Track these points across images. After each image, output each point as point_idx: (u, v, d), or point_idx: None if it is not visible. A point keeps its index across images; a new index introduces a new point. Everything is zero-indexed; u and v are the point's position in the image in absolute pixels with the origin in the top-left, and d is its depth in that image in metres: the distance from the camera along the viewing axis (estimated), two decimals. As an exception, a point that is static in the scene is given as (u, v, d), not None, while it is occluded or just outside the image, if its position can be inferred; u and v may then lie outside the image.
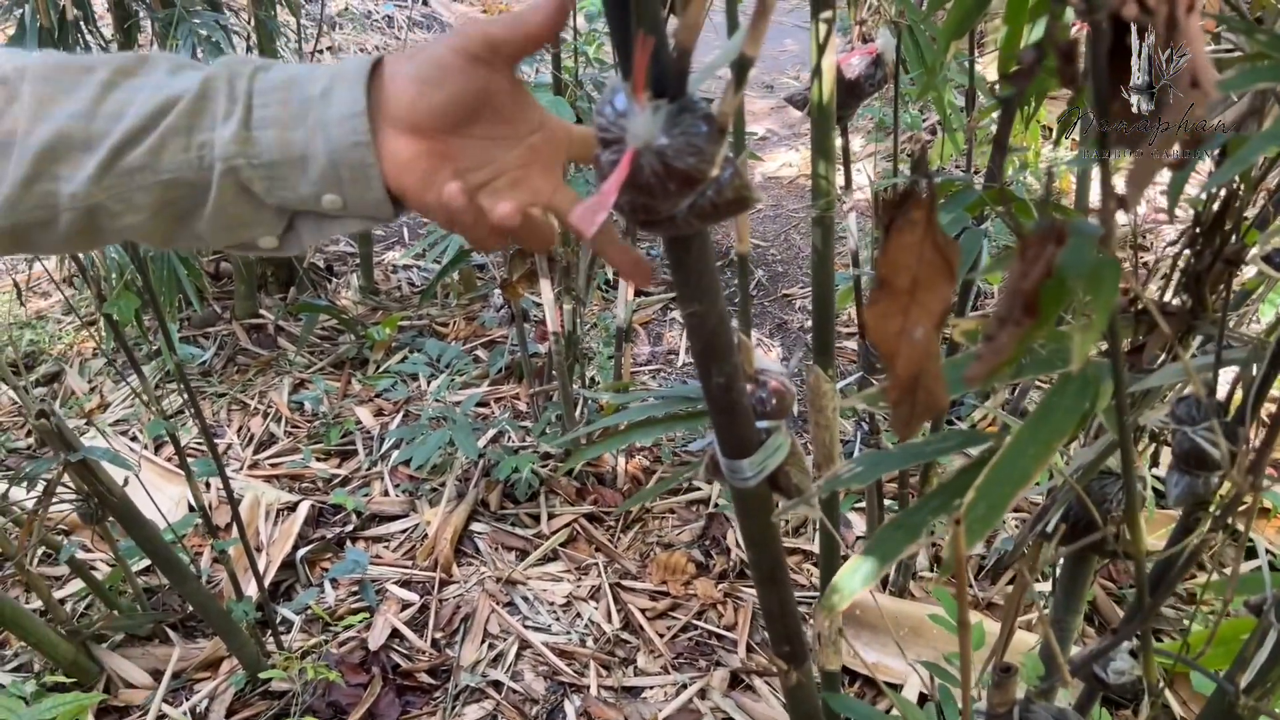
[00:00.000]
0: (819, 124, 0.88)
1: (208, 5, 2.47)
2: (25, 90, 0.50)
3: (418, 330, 2.82)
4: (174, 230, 0.54)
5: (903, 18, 1.00)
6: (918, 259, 0.37)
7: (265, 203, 0.53)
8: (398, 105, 0.51)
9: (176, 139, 0.50)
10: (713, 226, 0.46)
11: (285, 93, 0.52)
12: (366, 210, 0.54)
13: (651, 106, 0.40)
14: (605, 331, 2.60)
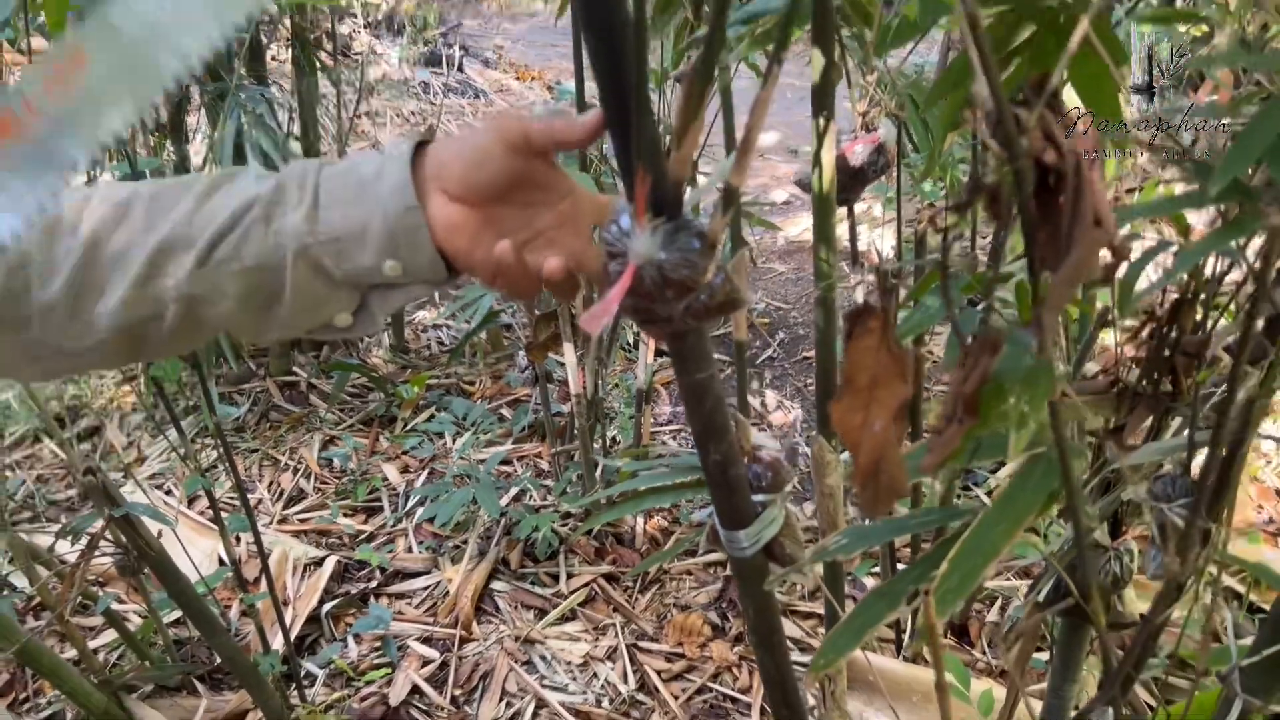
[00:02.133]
0: (819, 211, 0.94)
1: (254, 78, 2.60)
2: (137, 210, 0.60)
3: (445, 389, 2.89)
4: (262, 318, 0.61)
5: (902, 110, 1.07)
6: (876, 362, 0.43)
7: (336, 278, 0.60)
8: (445, 178, 0.59)
9: (257, 229, 0.59)
10: (710, 323, 0.52)
11: (345, 178, 0.60)
12: (423, 273, 0.61)
13: (650, 227, 0.47)
14: (627, 392, 2.66)
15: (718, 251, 0.48)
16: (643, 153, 0.46)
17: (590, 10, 0.46)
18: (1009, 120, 0.37)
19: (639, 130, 0.46)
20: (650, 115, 0.46)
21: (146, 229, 0.59)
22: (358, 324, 0.63)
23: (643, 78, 0.45)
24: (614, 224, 0.49)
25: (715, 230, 0.47)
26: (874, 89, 1.13)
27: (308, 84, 2.78)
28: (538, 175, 0.60)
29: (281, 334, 0.63)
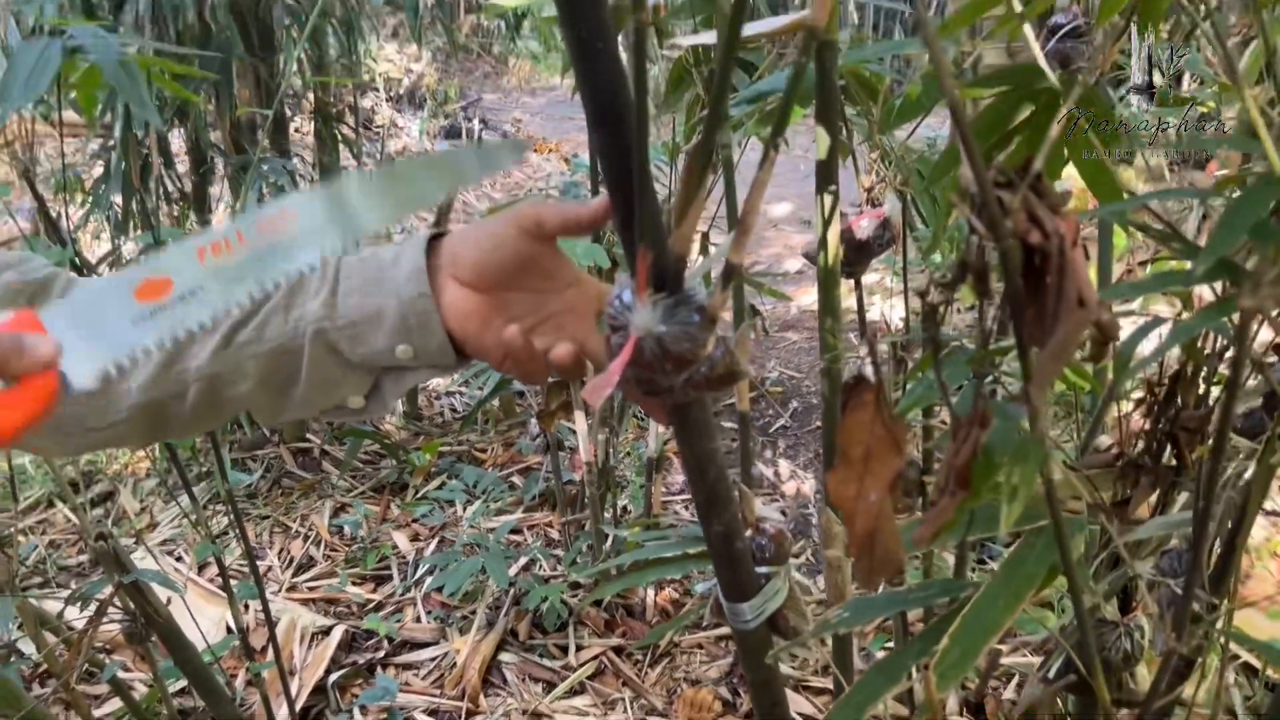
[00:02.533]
0: (824, 284, 0.95)
1: (276, 151, 2.67)
2: None
3: (457, 456, 2.89)
4: (279, 399, 0.63)
5: (907, 186, 1.09)
6: (870, 434, 0.44)
7: (350, 361, 0.62)
8: (459, 265, 0.62)
9: (277, 315, 0.61)
10: (714, 395, 0.53)
11: (364, 265, 0.63)
12: (433, 358, 0.63)
13: (651, 300, 0.48)
14: (638, 461, 2.66)
15: (717, 325, 0.49)
16: (644, 229, 0.47)
17: (593, 95, 0.48)
18: (992, 202, 0.38)
19: (640, 207, 0.47)
20: (652, 193, 0.48)
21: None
22: (370, 406, 0.65)
23: (644, 158, 0.47)
24: (617, 298, 0.50)
25: (715, 305, 0.48)
26: (879, 164, 1.15)
27: (330, 156, 2.85)
28: (546, 262, 0.62)
29: (297, 415, 0.65)
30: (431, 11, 6.16)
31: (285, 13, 2.39)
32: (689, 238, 0.48)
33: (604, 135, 0.48)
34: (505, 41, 9.18)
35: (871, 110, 1.14)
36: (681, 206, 0.47)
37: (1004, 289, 0.41)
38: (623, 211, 0.50)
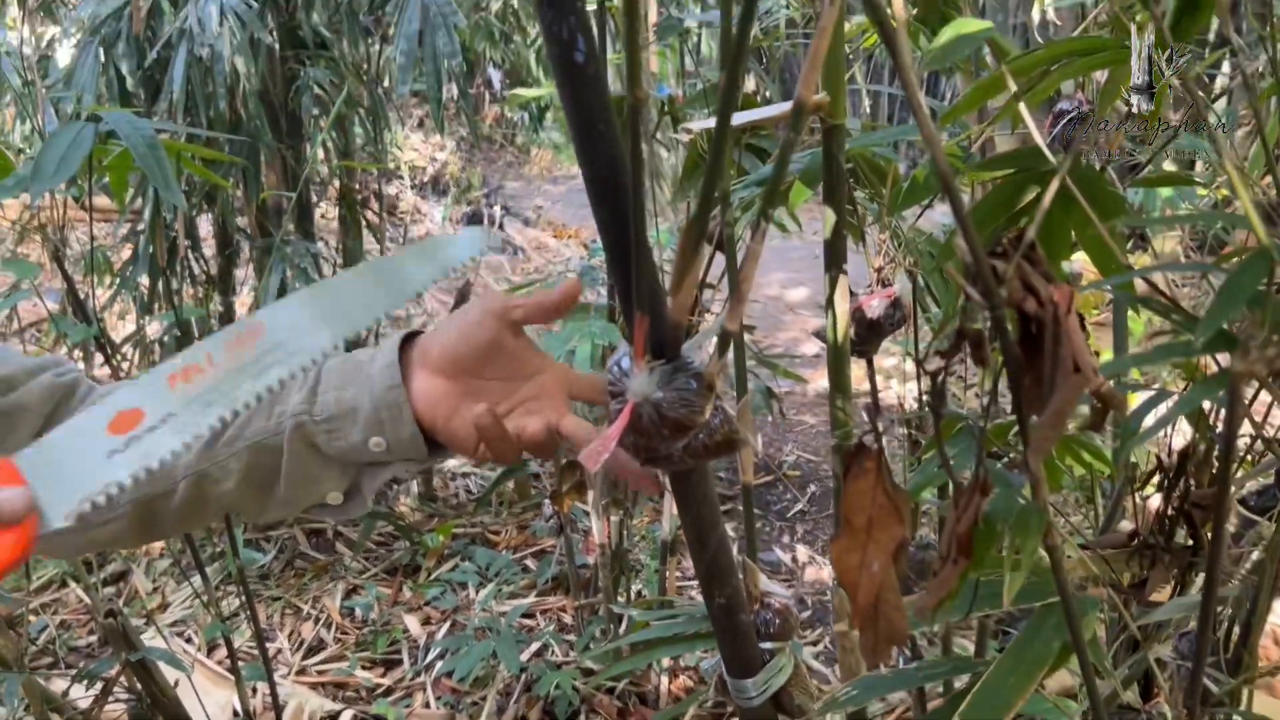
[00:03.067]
0: (834, 361, 0.96)
1: (301, 234, 2.73)
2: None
3: (471, 538, 2.88)
4: (262, 496, 0.65)
5: (917, 267, 1.10)
6: (872, 502, 0.44)
7: (328, 455, 0.64)
8: (429, 353, 0.63)
9: (261, 412, 0.64)
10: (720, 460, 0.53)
11: (343, 364, 0.65)
12: (405, 450, 0.64)
13: (649, 367, 0.49)
14: (652, 544, 2.63)
15: (715, 392, 0.49)
16: (641, 298, 0.48)
17: (593, 173, 0.49)
18: (986, 271, 0.39)
19: (638, 278, 0.48)
20: (650, 264, 0.49)
21: None
22: (349, 504, 0.67)
23: (640, 230, 0.48)
24: (615, 365, 0.51)
25: (712, 372, 0.49)
26: (889, 245, 1.17)
27: (353, 240, 2.91)
28: (514, 348, 0.63)
29: (280, 513, 0.67)
30: (456, 103, 6.35)
31: (313, 102, 2.47)
32: (685, 307, 0.49)
33: (604, 210, 0.50)
34: (528, 132, 9.42)
35: (881, 193, 1.16)
36: (678, 277, 0.48)
37: (1002, 357, 0.41)
38: (622, 282, 0.51)
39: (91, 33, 2.01)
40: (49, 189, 0.92)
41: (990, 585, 0.54)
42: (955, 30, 0.61)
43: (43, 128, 1.58)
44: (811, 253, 5.29)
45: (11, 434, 0.66)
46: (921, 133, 0.40)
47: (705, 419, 0.50)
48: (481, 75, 8.00)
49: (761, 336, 4.72)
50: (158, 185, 0.91)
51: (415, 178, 7.22)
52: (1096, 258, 0.80)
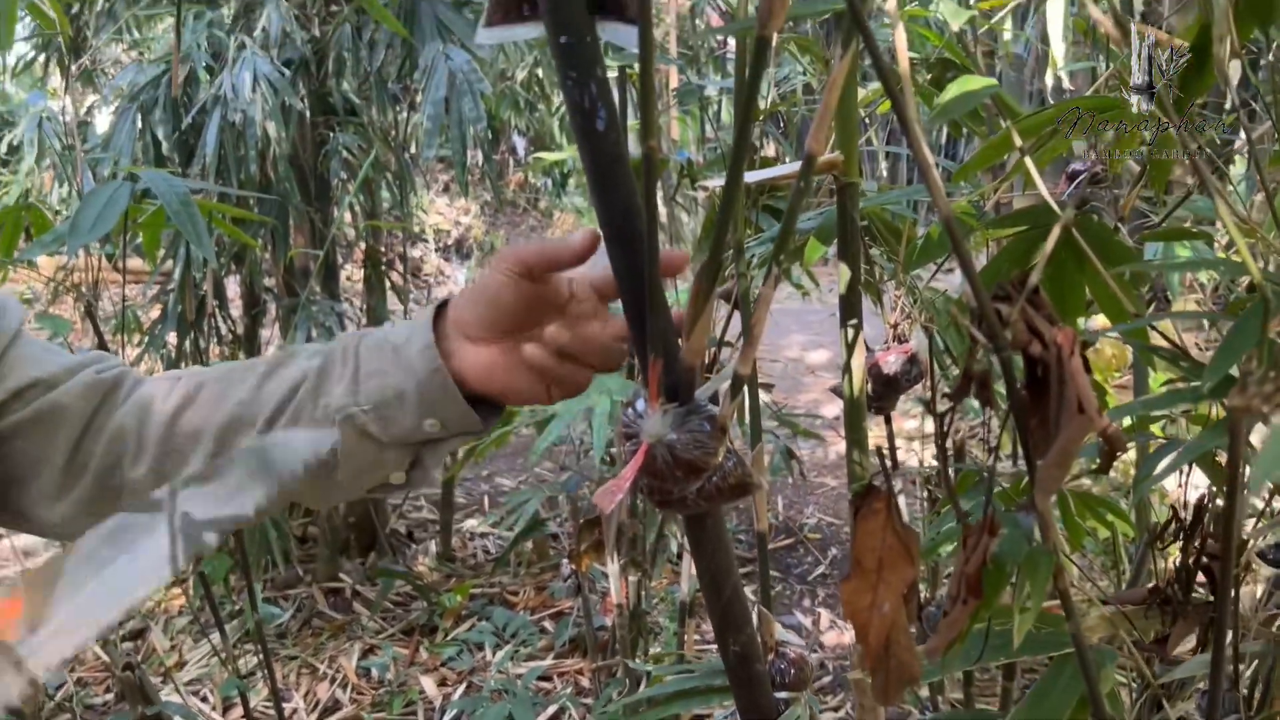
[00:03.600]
0: (850, 415, 0.96)
1: (326, 294, 2.78)
2: (209, 391, 0.66)
3: (489, 598, 2.86)
4: (322, 486, 0.65)
5: (932, 323, 1.11)
6: (882, 543, 0.44)
7: (383, 441, 0.64)
8: (465, 326, 0.63)
9: (308, 404, 0.64)
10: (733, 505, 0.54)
11: (381, 347, 0.65)
12: (461, 425, 0.64)
13: (663, 409, 0.50)
14: (671, 606, 2.61)
15: (728, 435, 0.50)
16: (655, 341, 0.50)
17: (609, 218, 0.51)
18: (991, 314, 0.40)
19: (653, 321, 0.50)
20: (663, 307, 0.50)
21: (215, 408, 0.65)
22: (413, 480, 0.67)
23: (654, 275, 0.50)
24: (630, 407, 0.52)
25: (725, 415, 0.50)
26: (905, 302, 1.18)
27: (378, 301, 2.95)
28: (547, 295, 0.63)
29: (344, 497, 0.67)
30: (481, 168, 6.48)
31: (342, 166, 2.54)
32: (699, 350, 0.50)
33: (618, 254, 0.51)
34: (551, 197, 9.57)
35: (896, 251, 1.18)
36: (691, 321, 0.50)
37: (1007, 399, 0.42)
38: (636, 325, 0.52)
39: (130, 99, 2.09)
40: (86, 244, 0.95)
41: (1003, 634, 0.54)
42: (960, 87, 0.63)
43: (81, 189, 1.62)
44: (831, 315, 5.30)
45: (55, 432, 0.66)
46: (928, 187, 0.42)
47: (718, 461, 0.50)
48: (506, 142, 8.16)
49: (782, 398, 4.71)
50: (191, 240, 0.94)
51: (439, 241, 7.33)
52: (1110, 310, 0.81)
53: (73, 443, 0.66)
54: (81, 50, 2.33)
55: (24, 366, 0.67)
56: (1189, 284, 2.46)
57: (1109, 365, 3.51)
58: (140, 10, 2.13)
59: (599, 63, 0.50)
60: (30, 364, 0.67)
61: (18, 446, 0.66)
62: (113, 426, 0.67)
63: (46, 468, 0.67)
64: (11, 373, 0.66)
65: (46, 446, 0.66)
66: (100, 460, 0.67)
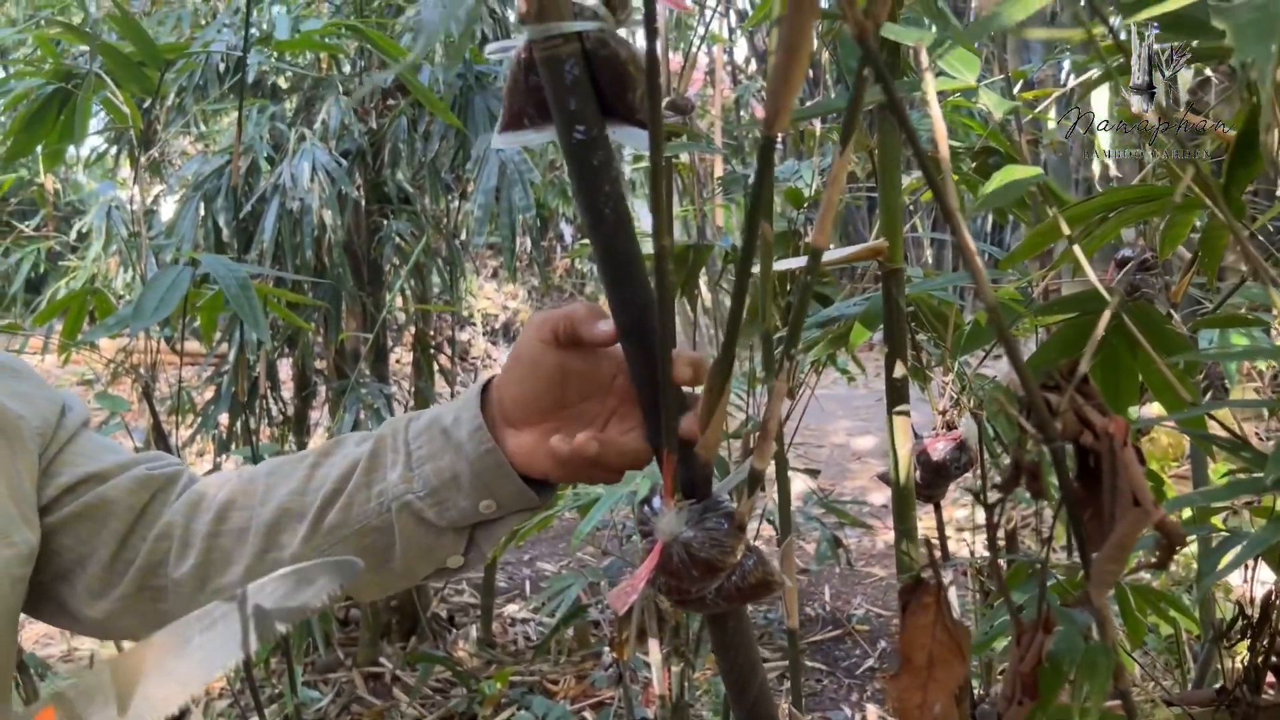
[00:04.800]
0: (899, 503, 0.95)
1: (376, 377, 2.82)
2: (258, 485, 0.66)
3: (528, 687, 2.81)
4: (378, 576, 0.65)
5: (981, 409, 1.09)
6: (932, 639, 0.43)
7: (439, 526, 0.63)
8: (507, 409, 0.63)
9: (360, 493, 0.63)
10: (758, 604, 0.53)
11: (431, 431, 0.64)
12: (516, 503, 0.63)
13: (677, 507, 0.49)
14: (715, 698, 2.54)
15: (745, 532, 0.49)
16: (669, 436, 0.49)
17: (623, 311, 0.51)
18: (1040, 403, 0.39)
19: (667, 416, 0.49)
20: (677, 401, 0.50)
21: (263, 502, 0.65)
22: (470, 562, 0.66)
23: (667, 368, 0.49)
24: (647, 505, 0.52)
25: (743, 512, 0.49)
26: (953, 389, 1.17)
27: (425, 383, 2.99)
28: (581, 365, 0.61)
29: (401, 585, 0.67)
30: (529, 254, 6.61)
31: (394, 251, 2.60)
32: (714, 445, 0.49)
33: (632, 349, 0.51)
34: (597, 282, 9.69)
35: (943, 337, 1.17)
36: (706, 415, 0.49)
37: (1060, 491, 0.41)
38: (652, 421, 0.52)
39: (195, 188, 2.17)
40: (148, 326, 0.98)
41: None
42: (1005, 176, 0.63)
43: (145, 274, 1.68)
44: (877, 400, 5.25)
45: (102, 527, 0.66)
46: (971, 273, 0.41)
47: (737, 560, 0.49)
48: (554, 229, 8.31)
49: (828, 484, 4.65)
50: (248, 322, 0.96)
51: (487, 325, 7.44)
52: (1165, 399, 0.79)
53: (119, 538, 0.66)
54: (151, 142, 2.44)
55: (80, 462, 0.68)
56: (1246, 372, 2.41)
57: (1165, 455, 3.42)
58: (207, 105, 2.23)
59: (610, 164, 0.50)
60: (86, 459, 0.68)
61: (65, 542, 0.67)
62: (160, 524, 0.67)
63: (93, 562, 0.67)
64: (67, 468, 0.67)
65: (93, 540, 0.66)
66: (145, 557, 0.66)
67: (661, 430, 0.51)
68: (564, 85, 0.47)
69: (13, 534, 0.62)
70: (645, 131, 0.49)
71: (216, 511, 0.66)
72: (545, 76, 0.48)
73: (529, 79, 0.50)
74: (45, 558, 0.66)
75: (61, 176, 3.41)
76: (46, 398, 0.69)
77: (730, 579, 0.50)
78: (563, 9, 0.45)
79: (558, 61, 0.47)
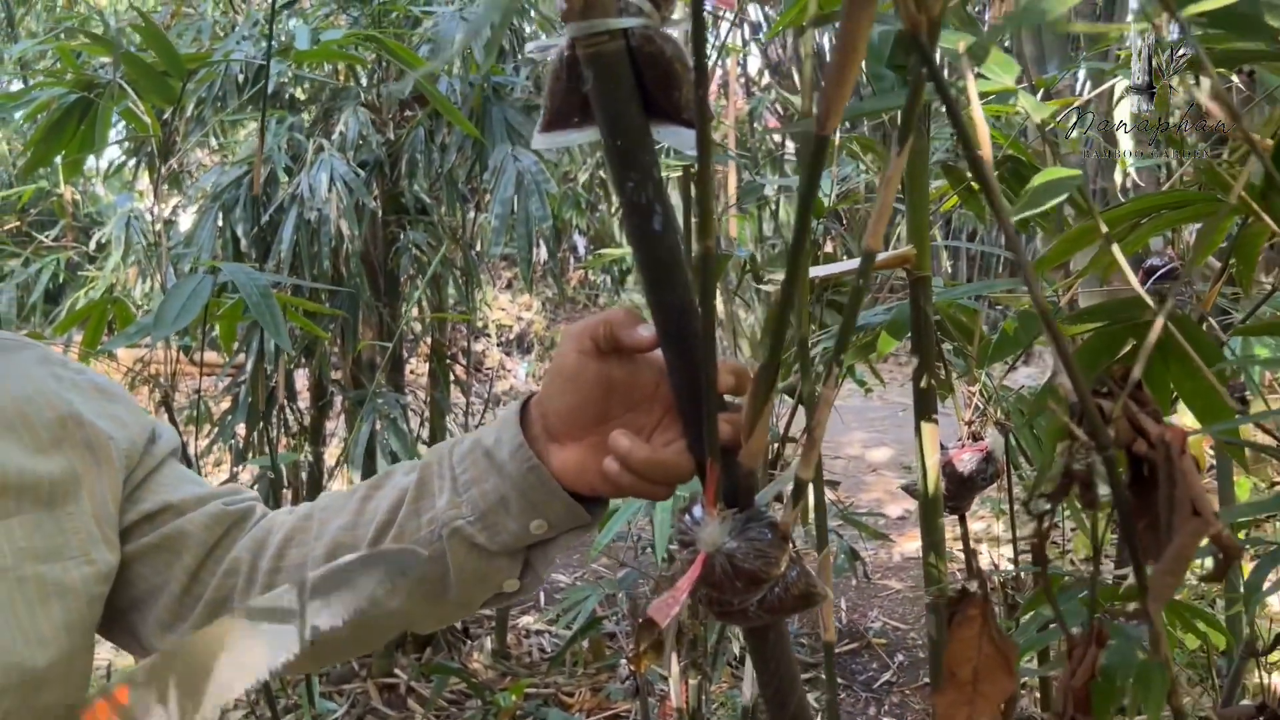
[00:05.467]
0: (926, 513, 0.93)
1: (392, 387, 2.82)
2: (314, 521, 0.66)
3: (543, 699, 2.79)
4: (435, 606, 0.64)
5: (1008, 420, 1.08)
6: (978, 653, 0.42)
7: (491, 550, 0.62)
8: (550, 425, 0.61)
9: (411, 522, 0.62)
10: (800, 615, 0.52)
11: (474, 454, 0.63)
12: (568, 522, 0.62)
13: (720, 517, 0.48)
14: (732, 710, 2.52)
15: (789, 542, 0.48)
16: (712, 444, 0.48)
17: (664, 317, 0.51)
18: (1092, 409, 0.38)
19: (709, 424, 0.48)
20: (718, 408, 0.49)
21: (318, 537, 0.65)
22: (526, 585, 0.65)
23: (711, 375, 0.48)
24: (687, 513, 0.50)
25: (787, 522, 0.48)
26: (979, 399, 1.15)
27: (441, 394, 2.99)
28: (622, 374, 0.59)
29: (460, 615, 0.66)
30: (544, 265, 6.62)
31: (411, 262, 2.60)
32: (758, 453, 0.48)
33: (674, 355, 0.50)
34: (610, 294, 9.70)
35: (967, 348, 1.16)
36: (750, 422, 0.48)
37: (1112, 501, 0.40)
38: (693, 429, 0.51)
39: (213, 199, 2.18)
40: (169, 334, 0.98)
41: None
42: (1046, 177, 0.62)
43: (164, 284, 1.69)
44: (893, 412, 5.22)
45: (176, 560, 0.67)
46: (1021, 269, 0.40)
47: (781, 571, 0.48)
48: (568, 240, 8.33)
49: (844, 496, 4.62)
50: (269, 331, 0.96)
51: (502, 335, 7.45)
52: (1199, 409, 0.78)
53: (190, 572, 0.67)
54: (170, 154, 2.46)
55: (161, 491, 0.69)
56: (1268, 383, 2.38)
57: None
58: (226, 116, 2.24)
59: (655, 164, 0.49)
60: (168, 489, 0.69)
61: (141, 571, 0.67)
62: (230, 559, 0.68)
63: (164, 594, 0.67)
64: (150, 496, 0.68)
65: (167, 572, 0.67)
66: (214, 591, 0.67)
67: (704, 438, 0.50)
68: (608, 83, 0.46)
69: (93, 552, 0.63)
70: (692, 131, 0.48)
71: (276, 548, 0.66)
72: (589, 74, 0.47)
73: (571, 78, 0.49)
74: (121, 584, 0.67)
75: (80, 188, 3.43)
76: (138, 422, 0.70)
77: (774, 590, 0.48)
78: (608, 5, 0.44)
79: (602, 59, 0.46)
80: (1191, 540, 0.37)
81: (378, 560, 0.56)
